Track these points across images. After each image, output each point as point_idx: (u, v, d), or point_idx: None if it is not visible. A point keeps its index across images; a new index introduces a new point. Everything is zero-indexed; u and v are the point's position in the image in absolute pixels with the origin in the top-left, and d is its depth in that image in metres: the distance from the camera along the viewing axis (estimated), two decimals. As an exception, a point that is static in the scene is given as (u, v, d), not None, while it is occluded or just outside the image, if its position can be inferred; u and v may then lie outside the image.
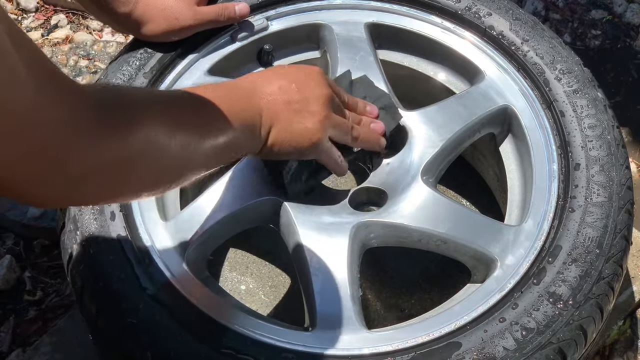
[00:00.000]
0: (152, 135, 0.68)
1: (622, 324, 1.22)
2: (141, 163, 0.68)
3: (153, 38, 1.09)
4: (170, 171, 0.73)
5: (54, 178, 0.60)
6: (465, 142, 1.09)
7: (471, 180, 1.33)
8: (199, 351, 0.84)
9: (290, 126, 0.87)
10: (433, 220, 0.98)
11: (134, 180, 0.69)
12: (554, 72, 1.07)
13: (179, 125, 0.72)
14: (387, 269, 1.28)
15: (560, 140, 1.02)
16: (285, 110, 0.87)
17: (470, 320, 0.88)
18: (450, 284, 1.20)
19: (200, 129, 0.75)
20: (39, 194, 0.61)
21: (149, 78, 1.08)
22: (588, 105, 1.03)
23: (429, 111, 1.08)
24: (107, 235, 0.93)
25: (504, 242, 0.96)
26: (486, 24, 1.13)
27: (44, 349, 1.15)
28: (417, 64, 1.21)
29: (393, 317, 1.22)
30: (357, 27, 1.16)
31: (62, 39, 1.79)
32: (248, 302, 1.22)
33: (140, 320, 0.86)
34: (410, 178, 1.01)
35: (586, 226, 0.93)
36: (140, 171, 0.69)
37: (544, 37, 1.11)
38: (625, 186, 0.97)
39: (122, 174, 0.66)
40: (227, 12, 1.11)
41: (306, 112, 0.88)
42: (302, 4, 1.18)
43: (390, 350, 0.86)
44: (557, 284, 0.88)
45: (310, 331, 0.90)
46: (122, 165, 0.65)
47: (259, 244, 1.30)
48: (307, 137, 0.88)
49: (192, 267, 0.94)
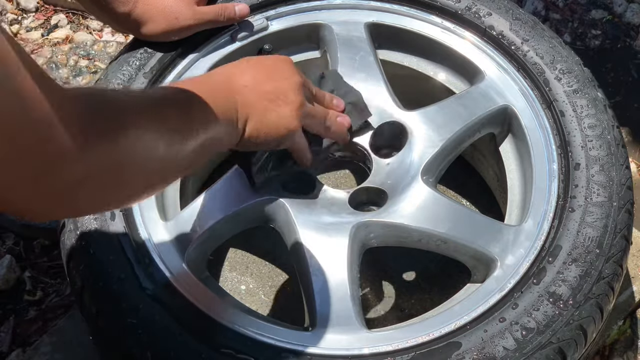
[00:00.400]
0: (140, 139, 0.67)
1: (622, 324, 1.22)
2: (130, 168, 0.66)
3: (153, 38, 1.09)
4: (159, 173, 0.72)
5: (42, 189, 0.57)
6: (465, 142, 1.09)
7: (471, 180, 1.33)
8: (199, 351, 0.84)
9: (265, 116, 0.86)
10: (433, 220, 0.98)
11: (124, 186, 0.68)
12: (554, 72, 1.07)
13: (165, 127, 0.71)
14: (387, 269, 1.28)
15: (560, 140, 1.02)
16: (260, 101, 0.86)
17: (470, 320, 0.88)
18: (450, 284, 1.20)
19: (185, 129, 0.74)
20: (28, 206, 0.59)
21: (149, 78, 1.08)
22: (588, 105, 1.03)
23: (429, 111, 1.08)
24: (107, 235, 0.93)
25: (504, 242, 0.96)
26: (486, 24, 1.13)
27: (44, 349, 1.15)
28: (417, 64, 1.21)
29: (393, 317, 1.22)
30: (357, 27, 1.16)
31: (62, 39, 1.79)
32: (248, 302, 1.22)
33: (140, 320, 0.86)
34: (410, 178, 1.01)
35: (586, 226, 0.93)
36: (130, 176, 0.67)
37: (544, 37, 1.11)
38: (625, 186, 0.97)
39: (112, 181, 0.65)
40: (226, 12, 1.11)
41: (281, 101, 0.88)
42: (302, 4, 1.18)
43: (390, 350, 0.86)
44: (557, 284, 0.88)
45: (310, 331, 0.90)
46: (111, 171, 0.64)
47: (259, 244, 1.30)
48: (283, 126, 0.88)
49: (192, 267, 0.94)
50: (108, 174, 0.63)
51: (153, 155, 0.69)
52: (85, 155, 0.59)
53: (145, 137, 0.68)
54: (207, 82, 0.86)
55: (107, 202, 0.69)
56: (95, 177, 0.62)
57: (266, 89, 0.87)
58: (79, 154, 0.59)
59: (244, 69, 0.89)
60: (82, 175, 0.60)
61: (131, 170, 0.67)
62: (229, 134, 0.83)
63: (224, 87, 0.85)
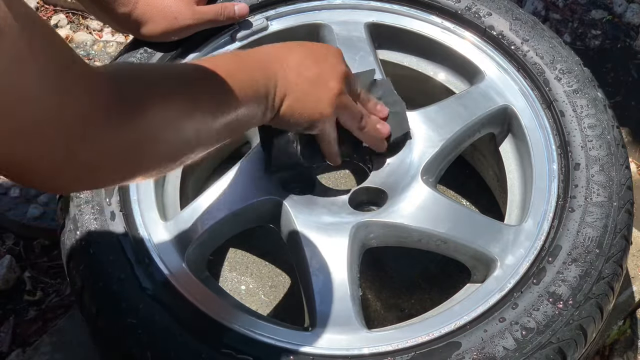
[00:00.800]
0: (166, 118, 0.67)
1: (622, 324, 1.22)
2: (155, 145, 0.68)
3: (153, 38, 1.09)
4: (183, 149, 0.73)
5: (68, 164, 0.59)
6: (465, 142, 1.09)
7: (471, 180, 1.33)
8: (199, 351, 0.84)
9: (304, 97, 0.87)
10: (433, 220, 0.98)
11: (147, 161, 0.69)
12: (553, 72, 1.07)
13: (194, 105, 0.72)
14: (387, 269, 1.28)
15: (560, 140, 1.02)
16: (301, 81, 0.87)
17: (470, 320, 0.88)
18: (450, 284, 1.20)
19: (215, 107, 0.75)
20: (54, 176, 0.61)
21: (149, 78, 1.08)
22: (588, 105, 1.03)
23: (429, 111, 1.08)
24: (107, 235, 0.94)
25: (504, 242, 0.96)
26: (486, 24, 1.13)
27: (44, 349, 1.15)
28: (417, 64, 1.21)
29: (393, 317, 1.22)
30: (357, 27, 1.16)
31: (62, 39, 1.79)
32: (248, 302, 1.22)
33: (140, 320, 0.86)
34: (410, 178, 1.01)
35: (586, 226, 0.93)
36: (153, 153, 0.68)
37: (544, 37, 1.11)
38: (625, 186, 0.97)
39: (136, 157, 0.66)
40: (226, 12, 1.11)
41: (321, 84, 0.88)
42: (302, 4, 1.18)
43: (390, 350, 0.86)
44: (557, 284, 0.88)
45: (310, 331, 0.90)
46: (136, 148, 0.65)
47: (259, 244, 1.30)
48: (318, 110, 0.89)
49: (192, 267, 0.94)
50: (131, 151, 0.65)
51: (178, 133, 0.70)
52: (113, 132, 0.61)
53: (172, 115, 0.68)
54: (251, 57, 0.87)
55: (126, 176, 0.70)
56: (119, 154, 0.63)
57: (309, 72, 0.88)
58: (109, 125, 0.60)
59: (292, 49, 0.90)
60: (108, 151, 0.61)
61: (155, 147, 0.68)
62: (263, 110, 0.84)
63: (266, 64, 0.85)
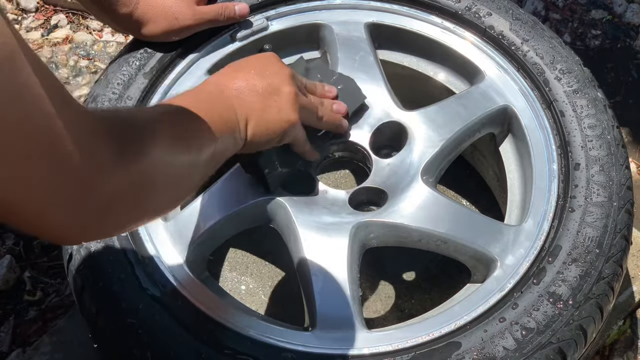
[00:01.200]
0: (163, 156, 0.68)
1: (622, 324, 1.22)
2: (156, 185, 0.68)
3: (153, 38, 1.09)
4: (179, 187, 0.73)
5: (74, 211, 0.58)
6: (465, 142, 1.09)
7: (471, 180, 1.33)
8: (199, 351, 0.84)
9: (264, 114, 0.87)
10: (433, 220, 0.98)
11: (152, 203, 0.69)
12: (553, 72, 1.07)
13: (183, 142, 0.72)
14: (387, 269, 1.28)
15: (560, 140, 1.02)
16: (257, 99, 0.86)
17: (470, 320, 0.88)
18: (450, 284, 1.20)
19: (198, 142, 0.75)
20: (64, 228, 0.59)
21: (149, 78, 1.08)
22: (588, 105, 1.03)
23: (429, 111, 1.08)
24: (107, 235, 0.93)
25: (504, 242, 0.96)
26: (486, 24, 1.13)
27: (44, 349, 1.15)
28: (417, 64, 1.21)
29: (393, 317, 1.22)
30: (357, 27, 1.16)
31: (62, 39, 1.79)
32: (248, 302, 1.22)
33: (140, 320, 0.86)
34: (410, 178, 1.01)
35: (586, 226, 0.93)
36: (156, 193, 0.68)
37: (544, 37, 1.11)
38: (625, 186, 0.97)
39: (141, 199, 0.66)
40: (226, 12, 1.11)
41: (276, 94, 0.88)
42: (302, 4, 1.18)
43: (390, 350, 0.86)
44: (557, 284, 0.88)
45: (310, 331, 0.90)
46: (140, 190, 0.65)
47: (259, 244, 1.30)
48: (284, 119, 0.88)
49: (192, 267, 0.94)
50: (136, 193, 0.64)
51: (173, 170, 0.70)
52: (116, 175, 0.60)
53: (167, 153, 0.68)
54: (201, 95, 0.85)
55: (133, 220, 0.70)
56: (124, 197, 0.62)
57: (259, 88, 0.87)
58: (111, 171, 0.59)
59: (231, 73, 0.89)
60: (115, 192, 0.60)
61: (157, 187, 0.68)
62: (234, 139, 0.84)
63: (218, 96, 0.85)
